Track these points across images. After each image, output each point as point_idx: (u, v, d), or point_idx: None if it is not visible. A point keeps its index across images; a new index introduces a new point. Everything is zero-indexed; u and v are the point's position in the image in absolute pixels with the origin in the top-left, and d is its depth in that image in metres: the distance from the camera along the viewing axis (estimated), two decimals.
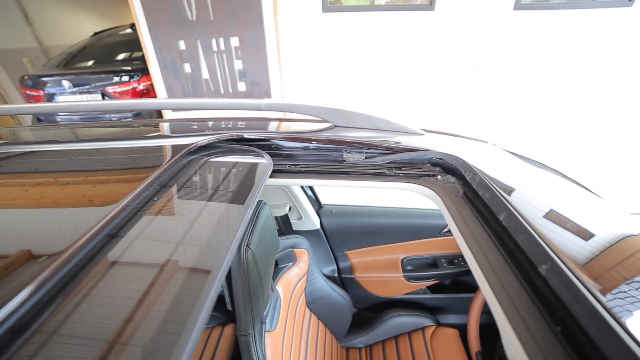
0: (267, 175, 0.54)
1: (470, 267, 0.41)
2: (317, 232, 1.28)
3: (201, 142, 0.60)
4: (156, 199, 0.44)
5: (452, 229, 0.48)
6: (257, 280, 0.68)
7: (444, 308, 1.55)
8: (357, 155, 0.64)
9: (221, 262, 0.35)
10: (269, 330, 0.87)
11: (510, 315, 0.33)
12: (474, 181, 0.51)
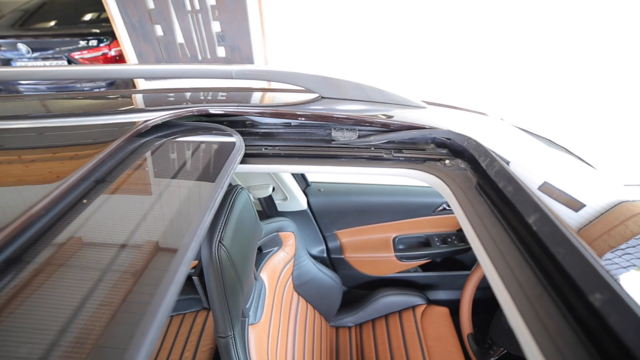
0: (236, 162, 0.44)
1: (490, 280, 0.33)
2: (304, 213, 1.20)
3: (154, 120, 0.48)
4: (85, 200, 0.33)
5: (465, 228, 0.40)
6: (234, 278, 0.60)
7: (435, 285, 1.53)
8: (348, 133, 0.53)
9: (173, 273, 0.26)
10: (252, 323, 0.80)
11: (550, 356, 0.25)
12: (491, 169, 0.42)
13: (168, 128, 0.53)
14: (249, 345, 0.77)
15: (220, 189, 0.37)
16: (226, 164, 0.41)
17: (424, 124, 0.53)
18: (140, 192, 0.36)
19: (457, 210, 0.41)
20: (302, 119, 0.52)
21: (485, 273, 0.34)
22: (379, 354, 1.25)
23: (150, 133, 0.50)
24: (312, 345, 1.14)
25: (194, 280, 0.62)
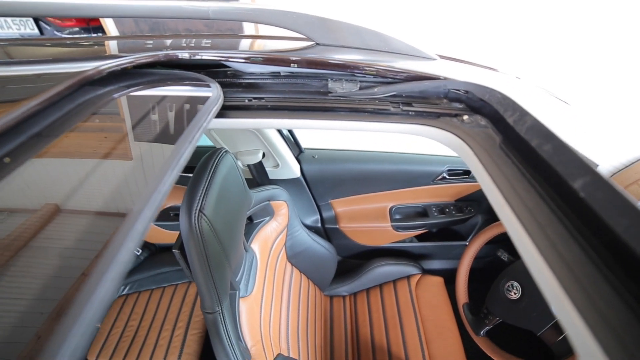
0: (211, 114, 0.36)
1: (525, 256, 0.27)
2: (297, 181, 1.13)
3: (109, 66, 0.39)
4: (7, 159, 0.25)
5: (489, 194, 0.33)
6: (219, 251, 0.54)
7: (430, 255, 1.52)
8: (348, 84, 0.45)
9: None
10: (243, 296, 0.76)
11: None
12: (521, 125, 0.34)
13: (133, 78, 0.44)
14: (240, 319, 0.73)
15: (188, 145, 0.29)
16: (197, 116, 0.33)
17: (437, 74, 0.45)
18: (85, 150, 0.28)
19: (480, 173, 0.35)
20: (294, 65, 0.43)
21: (519, 247, 0.28)
22: (373, 322, 1.25)
23: (109, 83, 0.42)
24: (307, 315, 1.12)
25: (174, 254, 0.56)
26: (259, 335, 0.76)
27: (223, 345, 0.58)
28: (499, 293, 0.93)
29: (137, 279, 1.48)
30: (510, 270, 0.94)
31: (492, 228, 1.03)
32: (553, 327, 0.79)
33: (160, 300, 1.37)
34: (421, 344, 1.15)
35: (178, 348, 1.19)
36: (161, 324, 1.28)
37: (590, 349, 0.20)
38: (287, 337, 0.94)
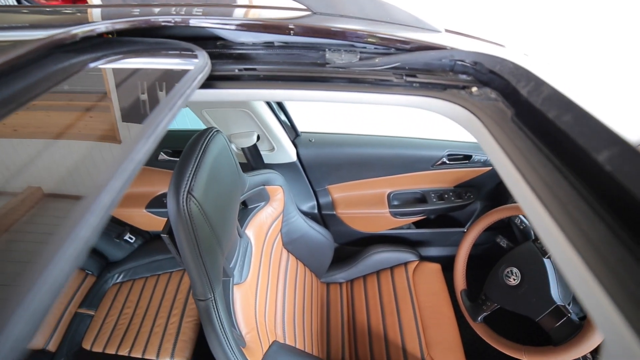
0: (196, 82, 0.32)
1: (546, 237, 0.25)
2: (293, 165, 1.10)
3: (82, 31, 0.35)
4: None
5: (503, 171, 0.30)
6: (210, 235, 0.51)
7: (428, 242, 1.50)
8: (347, 55, 0.42)
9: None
10: (238, 283, 0.74)
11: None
12: (536, 95, 0.31)
13: (112, 46, 0.41)
14: (235, 306, 0.71)
15: (168, 112, 0.26)
16: (181, 82, 0.30)
17: (443, 45, 0.41)
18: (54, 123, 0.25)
19: (491, 147, 0.32)
20: (290, 32, 0.39)
21: (536, 225, 0.25)
22: (369, 309, 1.24)
23: (84, 51, 0.38)
24: (303, 301, 1.11)
25: (163, 239, 0.54)
26: (254, 322, 0.75)
27: (216, 333, 0.56)
28: (497, 279, 0.92)
29: (131, 267, 1.46)
30: (510, 256, 0.93)
31: (492, 214, 1.01)
32: (552, 313, 0.78)
33: (155, 288, 1.35)
34: (418, 331, 1.15)
35: (173, 335, 1.18)
36: (156, 311, 1.27)
37: (623, 337, 0.18)
38: (282, 324, 0.93)
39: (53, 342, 1.22)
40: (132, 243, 1.51)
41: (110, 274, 1.44)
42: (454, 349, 1.11)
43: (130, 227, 1.50)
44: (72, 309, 1.31)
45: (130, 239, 1.50)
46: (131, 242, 1.51)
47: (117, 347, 1.20)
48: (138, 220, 1.45)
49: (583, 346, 0.70)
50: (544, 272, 0.82)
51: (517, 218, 1.03)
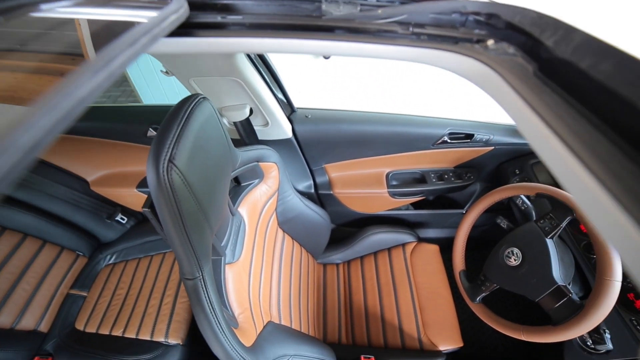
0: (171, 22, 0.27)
1: (571, 187, 0.21)
2: (289, 142, 1.05)
3: None
4: None
5: (525, 126, 0.26)
6: (195, 210, 0.47)
7: (426, 223, 1.48)
8: (345, 6, 0.37)
9: None
10: (230, 262, 0.71)
11: None
12: (565, 44, 0.27)
13: None
14: (227, 286, 0.68)
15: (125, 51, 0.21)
16: (149, 22, 0.25)
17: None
18: None
19: (513, 104, 0.28)
20: None
21: (571, 186, 0.22)
22: (366, 289, 1.23)
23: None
24: (299, 282, 1.09)
25: (145, 214, 0.50)
26: (247, 302, 0.72)
27: (205, 313, 0.53)
28: (497, 260, 0.90)
29: (123, 248, 1.43)
30: (511, 237, 0.91)
31: (493, 194, 0.98)
32: (552, 293, 0.76)
33: (148, 269, 1.33)
34: (415, 311, 1.14)
35: (167, 316, 1.16)
36: (149, 292, 1.25)
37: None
38: (278, 305, 0.91)
39: (45, 323, 1.20)
40: (124, 224, 1.48)
41: (102, 255, 1.41)
42: (451, 330, 1.11)
43: (121, 208, 1.46)
44: (64, 290, 1.29)
45: (122, 219, 1.46)
46: (123, 223, 1.47)
47: (110, 328, 1.19)
48: (129, 200, 1.41)
49: (582, 326, 0.69)
50: (546, 252, 0.80)
51: (519, 198, 1.00)
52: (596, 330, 0.77)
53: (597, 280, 0.68)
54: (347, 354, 1.04)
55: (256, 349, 0.65)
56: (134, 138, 1.18)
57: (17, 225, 1.21)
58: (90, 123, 1.16)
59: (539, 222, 0.85)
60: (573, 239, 0.93)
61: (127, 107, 1.20)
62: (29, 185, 1.21)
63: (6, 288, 1.14)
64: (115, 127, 1.17)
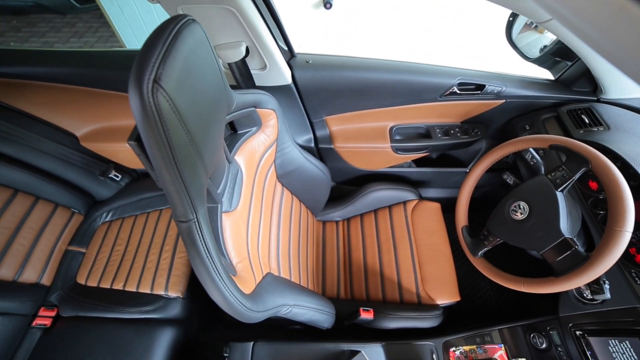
0: None
1: None
2: (288, 90, 0.98)
3: None
4: None
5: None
6: (187, 142, 0.42)
7: (428, 182, 1.45)
8: None
9: None
10: (227, 211, 0.68)
11: None
12: None
13: None
14: (224, 235, 0.65)
15: None
16: None
17: None
18: None
19: None
20: None
21: None
22: (366, 246, 1.22)
23: None
24: (298, 237, 1.07)
25: (130, 146, 0.45)
26: (245, 252, 0.70)
27: (201, 258, 0.50)
28: (503, 213, 0.87)
29: (119, 205, 1.41)
30: (518, 190, 0.88)
31: (503, 147, 0.94)
32: (558, 245, 0.75)
33: (145, 226, 1.31)
34: (414, 267, 1.14)
35: (166, 270, 1.16)
36: (147, 248, 1.24)
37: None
38: (277, 258, 0.90)
39: (46, 277, 1.20)
40: (118, 181, 1.44)
41: (98, 212, 1.39)
42: (449, 285, 1.12)
43: (114, 165, 1.41)
44: (62, 246, 1.28)
45: (116, 176, 1.42)
46: (117, 180, 1.43)
47: (111, 282, 1.19)
48: (122, 156, 1.36)
49: (587, 275, 0.68)
50: (555, 205, 0.78)
51: (528, 153, 0.96)
52: (596, 281, 0.76)
53: (607, 231, 0.66)
54: (345, 308, 1.05)
55: (255, 297, 0.64)
56: (123, 86, 1.10)
57: (6, 180, 1.17)
58: (74, 69, 1.07)
59: (549, 175, 0.82)
60: (581, 195, 0.90)
61: (114, 52, 1.11)
62: (13, 138, 1.15)
63: (3, 242, 1.12)
64: (101, 75, 1.09)
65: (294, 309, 0.77)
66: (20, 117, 1.18)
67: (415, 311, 1.05)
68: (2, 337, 1.03)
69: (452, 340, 1.01)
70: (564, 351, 0.84)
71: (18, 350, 1.06)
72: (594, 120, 0.96)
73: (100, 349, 1.04)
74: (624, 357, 0.72)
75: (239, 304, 0.55)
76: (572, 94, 1.06)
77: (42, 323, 1.10)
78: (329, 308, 0.92)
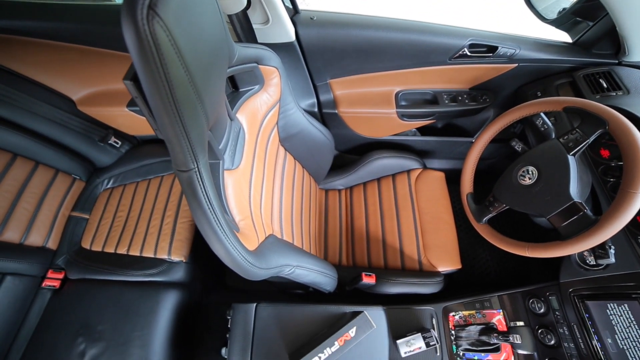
0: None
1: None
2: (291, 48, 0.93)
3: None
4: None
5: None
6: (186, 82, 0.40)
7: (432, 152, 1.43)
8: None
9: None
10: (229, 169, 0.66)
11: None
12: None
13: None
14: (226, 192, 0.64)
15: None
16: None
17: None
18: None
19: None
20: None
21: None
22: (368, 214, 1.22)
23: None
24: (301, 204, 1.07)
25: (126, 86, 0.42)
26: (248, 211, 0.69)
27: (203, 209, 0.49)
28: (510, 179, 0.86)
29: (120, 172, 1.40)
30: (527, 155, 0.85)
31: (513, 111, 0.91)
32: (566, 209, 0.73)
33: (147, 192, 1.31)
34: (416, 234, 1.14)
35: (169, 235, 1.17)
36: (150, 214, 1.24)
37: None
38: (279, 221, 0.89)
39: (52, 241, 1.22)
40: (118, 148, 1.42)
41: (99, 179, 1.38)
42: (450, 252, 1.12)
43: (114, 131, 1.39)
44: (65, 212, 1.29)
45: (116, 143, 1.40)
46: (117, 147, 1.42)
47: (115, 247, 1.20)
48: (121, 122, 1.33)
49: (594, 239, 0.67)
50: (566, 169, 0.76)
51: (539, 118, 0.93)
52: (602, 246, 0.76)
53: (620, 194, 0.64)
54: (347, 274, 1.06)
55: (259, 255, 0.63)
56: (118, 44, 1.05)
57: (4, 144, 1.15)
58: (66, 24, 1.02)
59: (561, 139, 0.79)
60: (591, 162, 0.88)
61: (108, 6, 1.06)
62: (7, 100, 1.12)
63: (6, 206, 1.12)
64: (95, 31, 1.03)
65: (297, 270, 0.77)
66: (11, 77, 1.14)
67: (417, 277, 1.06)
68: (15, 296, 1.06)
69: (451, 305, 1.03)
70: (561, 315, 0.85)
71: (31, 309, 1.10)
72: (613, 85, 0.92)
73: (108, 309, 1.06)
74: (621, 319, 0.72)
75: (242, 258, 0.55)
76: (591, 57, 1.00)
77: (51, 284, 1.13)
78: (331, 271, 0.93)
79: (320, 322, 0.84)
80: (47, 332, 1.06)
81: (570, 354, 0.81)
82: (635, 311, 0.70)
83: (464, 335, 0.98)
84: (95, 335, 1.02)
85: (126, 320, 1.04)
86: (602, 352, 0.75)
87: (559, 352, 0.84)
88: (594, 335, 0.76)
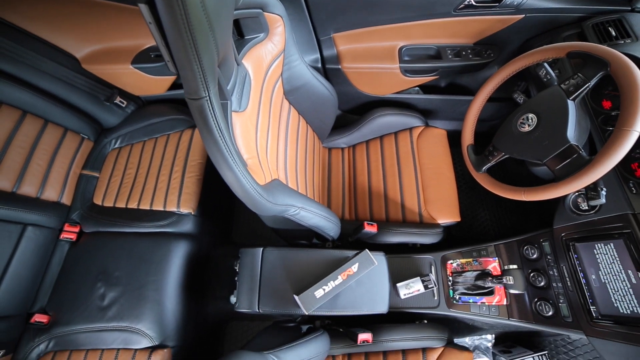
0: None
1: None
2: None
3: None
4: None
5: None
6: (199, 6, 0.41)
7: (435, 111, 1.44)
8: None
9: None
10: (236, 111, 0.68)
11: None
12: None
13: None
14: (234, 132, 0.67)
15: None
16: None
17: None
18: None
19: None
20: None
21: None
22: (371, 171, 1.25)
23: None
24: (305, 156, 1.10)
25: (141, 9, 0.44)
26: (255, 152, 0.72)
27: (214, 137, 0.52)
28: (510, 128, 0.87)
29: (127, 132, 1.42)
30: (528, 103, 0.86)
31: (516, 61, 0.90)
32: (563, 152, 0.75)
33: (154, 150, 1.34)
34: (417, 189, 1.18)
35: (177, 189, 1.21)
36: (158, 170, 1.28)
37: None
38: (285, 169, 0.92)
39: (66, 197, 1.27)
40: (124, 108, 1.44)
41: (107, 139, 1.41)
42: (450, 206, 1.16)
43: (119, 91, 1.40)
44: (77, 170, 1.33)
45: (122, 102, 1.41)
46: (123, 107, 1.43)
47: (126, 202, 1.25)
48: (126, 80, 1.34)
49: (587, 177, 0.69)
50: (565, 113, 0.77)
51: (542, 69, 0.93)
52: (594, 187, 0.78)
53: (615, 132, 0.66)
54: (350, 226, 1.10)
55: (266, 189, 0.67)
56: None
57: (14, 100, 1.16)
58: None
59: (562, 85, 0.80)
60: (592, 112, 0.89)
61: None
62: (12, 55, 1.13)
63: (22, 160, 1.16)
64: None
65: (301, 212, 0.81)
66: (13, 31, 1.14)
67: (417, 227, 1.10)
68: (37, 245, 1.13)
69: (450, 254, 1.08)
70: (552, 258, 0.90)
71: (52, 259, 1.17)
72: (622, 33, 0.90)
73: (123, 257, 1.13)
74: (606, 257, 0.77)
75: (251, 188, 0.58)
76: (603, 4, 0.98)
77: (68, 237, 1.19)
78: (334, 218, 0.97)
79: (324, 265, 0.89)
80: (68, 279, 1.13)
81: (557, 292, 0.87)
82: (620, 248, 0.74)
83: (461, 280, 1.04)
84: (113, 281, 1.09)
85: (140, 267, 1.10)
86: (586, 288, 0.80)
87: (548, 292, 0.90)
88: (580, 273, 0.81)
